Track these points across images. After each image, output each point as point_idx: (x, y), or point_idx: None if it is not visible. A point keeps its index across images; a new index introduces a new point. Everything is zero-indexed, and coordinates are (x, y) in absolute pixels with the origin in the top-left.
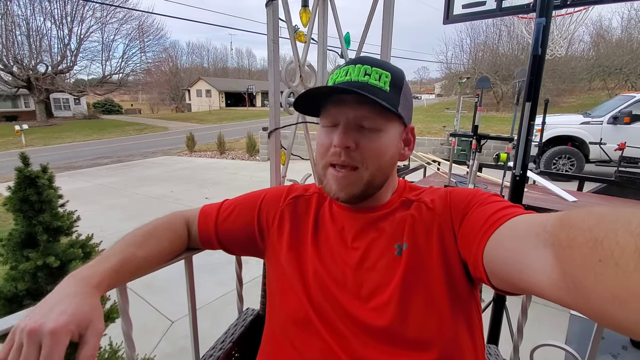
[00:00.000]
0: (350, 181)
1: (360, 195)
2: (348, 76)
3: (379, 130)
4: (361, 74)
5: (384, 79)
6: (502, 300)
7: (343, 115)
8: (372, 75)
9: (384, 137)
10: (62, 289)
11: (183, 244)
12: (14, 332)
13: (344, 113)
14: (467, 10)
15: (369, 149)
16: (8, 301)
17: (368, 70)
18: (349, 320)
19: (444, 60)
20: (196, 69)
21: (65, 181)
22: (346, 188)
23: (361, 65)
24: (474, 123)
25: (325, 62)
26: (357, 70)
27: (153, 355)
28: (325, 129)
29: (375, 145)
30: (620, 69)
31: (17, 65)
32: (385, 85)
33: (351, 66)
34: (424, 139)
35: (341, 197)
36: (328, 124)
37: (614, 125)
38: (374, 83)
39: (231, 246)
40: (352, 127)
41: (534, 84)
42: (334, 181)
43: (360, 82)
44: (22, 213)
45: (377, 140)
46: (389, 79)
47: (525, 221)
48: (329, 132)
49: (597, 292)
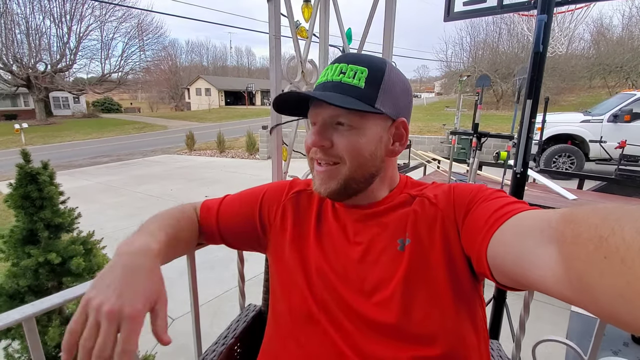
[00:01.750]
0: (329, 175)
1: (339, 190)
2: (325, 76)
3: (354, 127)
4: (336, 73)
5: (359, 75)
6: (502, 297)
7: (320, 116)
8: (347, 73)
9: (361, 133)
10: (124, 261)
11: (197, 232)
12: (86, 306)
13: (320, 113)
14: (468, 7)
15: (344, 146)
16: (10, 297)
17: (344, 68)
18: (352, 314)
19: (444, 58)
20: (196, 67)
21: (66, 179)
22: (326, 183)
23: (339, 63)
24: (474, 121)
25: (327, 59)
26: (333, 70)
27: (154, 352)
28: (311, 127)
29: (351, 142)
30: (621, 67)
31: (16, 63)
32: (360, 82)
33: (330, 66)
34: (424, 137)
35: (322, 192)
36: (312, 123)
37: (614, 124)
38: (347, 81)
39: (233, 240)
40: (328, 126)
41: (535, 81)
42: (317, 176)
43: (334, 82)
44: (24, 210)
45: (353, 137)
46: (365, 74)
47: (530, 217)
48: (311, 131)
49: (601, 288)
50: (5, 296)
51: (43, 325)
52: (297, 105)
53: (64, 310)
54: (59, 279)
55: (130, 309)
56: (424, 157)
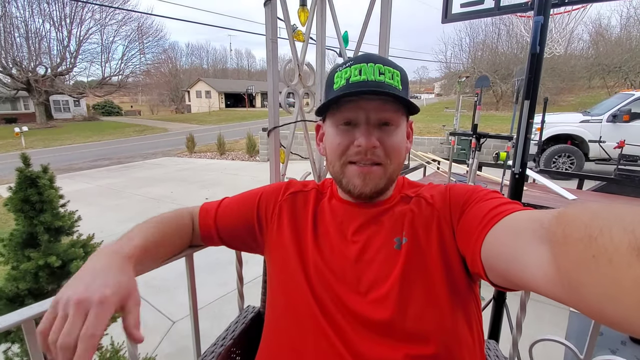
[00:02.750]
0: (375, 175)
1: (383, 188)
2: (363, 75)
3: (397, 126)
4: (376, 73)
5: (396, 77)
6: (502, 298)
7: (362, 115)
8: (385, 74)
9: (400, 132)
10: (94, 262)
11: (189, 237)
12: (56, 304)
13: (364, 112)
14: (466, 9)
15: (390, 145)
16: (10, 301)
17: (381, 69)
18: (347, 313)
19: (444, 59)
20: (196, 70)
21: (66, 183)
22: (371, 182)
23: (373, 64)
24: (474, 122)
25: (324, 61)
26: (372, 69)
27: (154, 354)
28: (341, 127)
29: (396, 142)
30: (620, 67)
31: (16, 67)
32: (398, 84)
33: (364, 65)
34: (424, 138)
35: (366, 192)
36: (341, 123)
37: (613, 124)
38: (389, 82)
39: (232, 241)
40: (374, 126)
41: (533, 82)
42: (358, 177)
43: (377, 82)
44: (23, 213)
45: (396, 136)
46: (399, 77)
47: (523, 217)
48: (346, 132)
49: (590, 288)
50: (5, 299)
51: None
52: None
53: None
54: (59, 282)
55: (99, 295)
56: (424, 158)
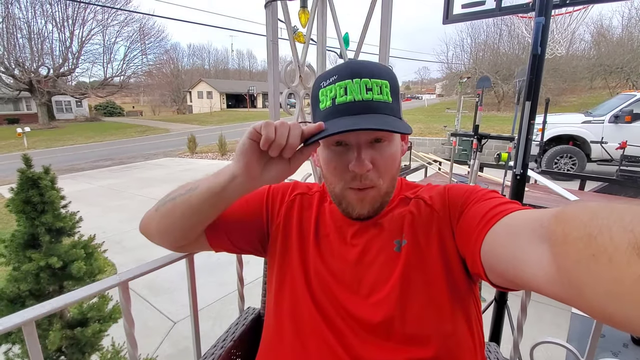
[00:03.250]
0: (371, 198)
1: (380, 207)
2: (350, 95)
3: (390, 141)
4: (363, 91)
5: (384, 89)
6: (503, 300)
7: (353, 138)
8: (373, 89)
9: (393, 146)
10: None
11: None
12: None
13: (354, 136)
14: (467, 10)
15: (383, 163)
16: (11, 302)
17: (368, 84)
18: (347, 316)
19: (445, 60)
20: (197, 70)
21: (68, 183)
22: (368, 205)
23: (359, 79)
24: (475, 123)
25: (324, 63)
26: (357, 87)
27: (155, 355)
28: (333, 148)
29: (388, 157)
30: (621, 68)
31: (18, 68)
32: (388, 97)
33: (349, 82)
34: (425, 139)
35: (363, 214)
36: (333, 143)
37: (615, 124)
38: (377, 98)
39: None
40: (367, 147)
41: (534, 83)
42: (357, 203)
43: (364, 102)
44: (25, 214)
45: (389, 151)
46: (388, 87)
47: (522, 217)
48: (339, 153)
49: (591, 287)
50: (6, 300)
51: (44, 329)
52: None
53: (65, 314)
54: (60, 283)
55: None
56: (425, 158)
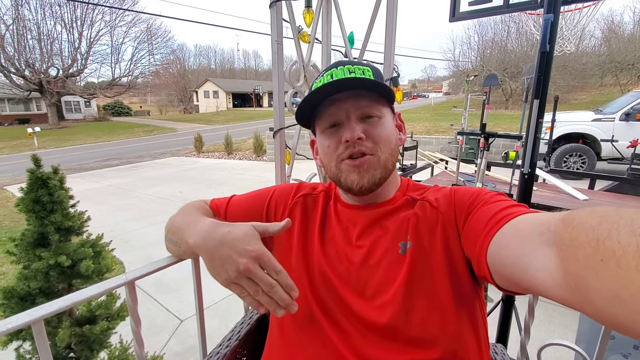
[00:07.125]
0: (369, 165)
1: (380, 179)
2: (335, 77)
3: (380, 116)
4: (346, 73)
5: (367, 72)
6: (510, 300)
7: (342, 112)
8: (356, 72)
9: (386, 122)
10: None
11: None
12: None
13: (343, 110)
14: (474, 7)
15: (378, 135)
16: (21, 299)
17: (351, 68)
18: (352, 317)
19: (452, 58)
20: (203, 70)
21: (77, 182)
22: (367, 174)
23: (343, 66)
24: (482, 121)
25: (329, 62)
26: (341, 71)
27: (163, 353)
28: (327, 131)
29: (382, 131)
30: (633, 65)
31: (29, 69)
32: (370, 76)
33: (333, 69)
34: (432, 137)
35: (364, 185)
36: (327, 126)
37: (626, 122)
38: (360, 76)
39: None
40: (356, 120)
41: (542, 81)
42: (353, 171)
43: (348, 78)
44: (35, 213)
45: (382, 125)
46: (370, 72)
47: (529, 220)
48: (333, 133)
49: (598, 291)
50: (17, 298)
51: (53, 327)
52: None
53: (74, 311)
54: (69, 281)
55: (250, 251)
56: (432, 157)
